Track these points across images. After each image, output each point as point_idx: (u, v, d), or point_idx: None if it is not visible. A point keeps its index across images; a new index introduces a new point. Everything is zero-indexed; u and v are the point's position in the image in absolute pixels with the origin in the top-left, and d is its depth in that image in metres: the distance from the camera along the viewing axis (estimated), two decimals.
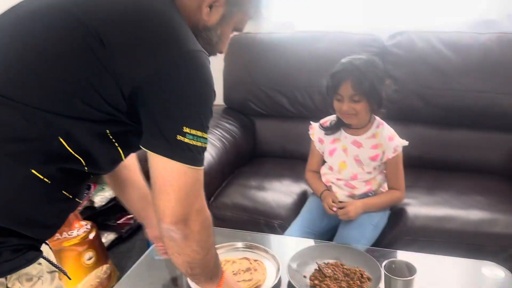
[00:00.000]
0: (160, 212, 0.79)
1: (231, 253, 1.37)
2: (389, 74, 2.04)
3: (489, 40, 1.94)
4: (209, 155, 1.84)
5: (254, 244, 1.38)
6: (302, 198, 1.75)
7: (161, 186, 0.77)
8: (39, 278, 0.78)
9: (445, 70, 1.96)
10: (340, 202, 1.54)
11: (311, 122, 1.66)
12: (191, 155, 0.77)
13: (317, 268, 1.27)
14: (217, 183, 1.86)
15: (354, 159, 1.54)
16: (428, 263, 1.38)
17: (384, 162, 1.54)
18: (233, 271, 1.27)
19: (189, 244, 0.83)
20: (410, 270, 1.10)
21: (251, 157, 2.22)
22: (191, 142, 0.76)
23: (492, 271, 1.22)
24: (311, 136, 1.64)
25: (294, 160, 2.10)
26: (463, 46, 1.97)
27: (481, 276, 1.21)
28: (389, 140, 1.52)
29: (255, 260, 1.33)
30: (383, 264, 1.11)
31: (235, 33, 0.98)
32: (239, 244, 1.39)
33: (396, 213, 1.63)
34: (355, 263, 1.29)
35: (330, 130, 1.58)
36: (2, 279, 0.74)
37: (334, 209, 1.51)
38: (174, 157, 0.76)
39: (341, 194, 1.59)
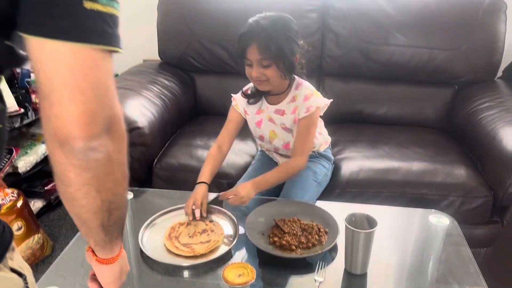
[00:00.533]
0: (68, 124, 0.51)
1: (184, 216, 1.30)
2: (331, 29, 2.03)
3: None
4: (149, 113, 1.72)
5: (213, 206, 1.33)
6: (252, 156, 1.71)
7: (69, 84, 0.50)
8: None
9: (385, 25, 1.98)
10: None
11: (232, 94, 1.51)
12: (110, 32, 0.52)
13: (275, 225, 1.26)
14: (160, 143, 1.76)
15: (282, 128, 1.45)
16: (377, 214, 1.42)
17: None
18: (188, 234, 1.22)
19: (112, 170, 0.58)
20: (370, 222, 1.12)
21: (192, 115, 2.12)
22: (106, 10, 0.51)
23: (439, 218, 1.28)
24: (235, 108, 1.48)
25: None
26: (402, 1, 1.99)
27: (429, 224, 1.27)
28: (304, 100, 1.39)
29: (211, 221, 1.28)
30: (345, 217, 1.11)
31: None
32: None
33: (340, 167, 1.65)
34: (311, 217, 1.30)
35: (252, 97, 1.45)
36: None
37: (230, 197, 1.30)
38: (87, 38, 0.50)
39: (282, 161, 1.55)
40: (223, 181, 1.62)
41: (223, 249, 1.17)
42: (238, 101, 1.49)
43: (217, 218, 1.30)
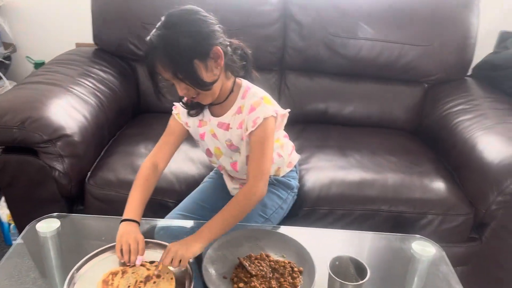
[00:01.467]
0: None
1: (115, 261, 1.02)
2: (293, 17, 1.80)
3: None
4: (81, 116, 1.41)
5: (149, 240, 1.06)
6: (206, 167, 1.46)
7: None
8: None
9: (353, 16, 1.78)
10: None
11: (174, 103, 1.23)
12: None
13: (239, 265, 1.03)
14: (94, 152, 1.46)
15: (227, 145, 1.19)
16: (356, 240, 1.25)
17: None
18: (128, 286, 0.95)
19: None
20: (357, 267, 0.93)
21: (135, 114, 1.82)
22: None
23: (424, 247, 1.11)
24: (176, 117, 1.21)
25: None
26: None
27: (412, 253, 1.10)
28: (249, 111, 1.12)
29: (151, 263, 1.01)
30: (328, 264, 0.91)
31: None
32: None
33: (308, 180, 1.44)
34: (281, 251, 1.09)
35: (192, 108, 1.18)
36: None
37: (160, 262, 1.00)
38: None
39: (232, 187, 1.31)
40: (169, 201, 1.36)
41: None
42: (179, 109, 1.21)
43: (159, 254, 1.03)
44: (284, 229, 1.21)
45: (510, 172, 1.32)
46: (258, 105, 1.11)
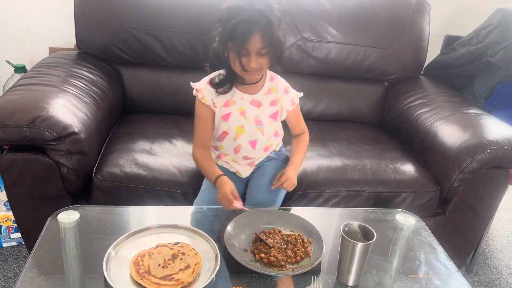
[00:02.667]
0: None
1: (143, 240, 1.11)
2: None
3: None
4: (83, 114, 1.47)
5: (174, 224, 1.16)
6: None
7: None
8: None
9: (324, 21, 1.96)
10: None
11: (191, 83, 1.36)
12: None
13: (256, 239, 1.16)
14: (97, 149, 1.52)
15: (254, 121, 1.37)
16: (348, 216, 1.43)
17: (282, 119, 1.46)
18: (159, 264, 1.03)
19: None
20: (364, 232, 1.09)
21: (122, 114, 1.88)
22: None
23: (405, 217, 1.30)
24: (202, 100, 1.33)
25: (176, 116, 1.88)
26: None
27: (397, 223, 1.29)
28: (285, 93, 1.41)
29: (176, 244, 1.11)
30: (341, 228, 1.06)
31: None
32: (152, 226, 1.15)
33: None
34: (289, 227, 1.23)
35: (222, 86, 1.32)
36: None
37: (276, 184, 1.36)
38: None
39: (242, 170, 1.46)
40: (175, 191, 1.46)
41: (207, 272, 1.03)
42: (204, 92, 1.33)
43: (181, 237, 1.14)
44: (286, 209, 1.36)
45: (468, 153, 1.55)
46: (289, 88, 1.42)
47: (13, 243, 1.76)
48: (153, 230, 1.14)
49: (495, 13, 2.03)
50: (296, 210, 1.40)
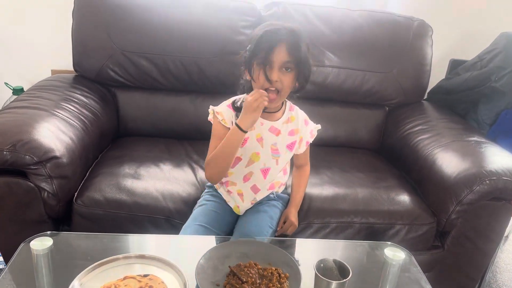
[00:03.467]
0: None
1: (110, 272, 1.07)
2: None
3: (360, 17, 1.98)
4: (67, 138, 1.46)
5: (142, 254, 1.12)
6: (191, 185, 1.53)
7: None
8: None
9: (321, 46, 1.93)
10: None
11: (211, 106, 1.36)
12: None
13: (230, 273, 1.11)
14: (80, 173, 1.50)
15: (271, 149, 1.36)
16: (334, 248, 1.36)
17: (300, 152, 1.46)
18: None
19: None
20: (340, 268, 1.03)
21: (114, 137, 1.87)
22: None
23: (394, 252, 1.23)
24: (222, 122, 1.31)
25: (169, 140, 1.86)
26: (336, 21, 1.97)
27: (385, 258, 1.22)
28: (305, 125, 1.42)
29: (145, 276, 1.06)
30: (314, 265, 1.00)
31: None
32: (120, 257, 1.11)
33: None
34: (267, 260, 1.17)
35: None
36: None
37: (281, 230, 1.39)
38: None
39: (243, 206, 1.43)
40: (158, 216, 1.42)
41: None
42: (224, 114, 1.32)
43: (152, 268, 1.10)
44: (268, 240, 1.30)
45: (466, 184, 1.47)
46: (308, 119, 1.45)
47: (0, 266, 1.75)
48: (120, 261, 1.10)
49: (500, 38, 1.96)
50: (278, 240, 1.34)
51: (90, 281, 1.04)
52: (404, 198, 1.58)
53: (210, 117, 1.36)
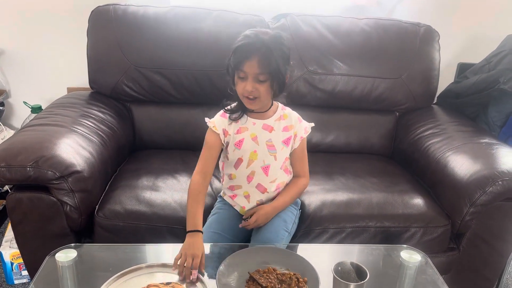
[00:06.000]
0: None
1: (134, 281, 1.11)
2: None
3: (367, 25, 2.01)
4: (87, 153, 1.51)
5: (163, 262, 1.16)
6: (206, 195, 1.55)
7: None
8: None
9: (329, 55, 1.97)
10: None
11: (206, 118, 1.41)
12: None
13: (250, 278, 1.14)
14: (100, 186, 1.55)
15: (266, 145, 1.39)
16: (350, 253, 1.39)
17: (294, 149, 1.45)
18: None
19: None
20: (358, 271, 1.05)
21: (131, 151, 1.92)
22: None
23: (410, 255, 1.25)
24: (212, 129, 1.37)
25: (183, 151, 1.90)
26: (344, 31, 2.00)
27: (401, 261, 1.23)
28: (299, 121, 1.44)
29: (167, 284, 1.10)
30: (332, 268, 1.03)
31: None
32: (143, 266, 1.15)
33: (302, 203, 1.57)
34: (285, 265, 1.20)
35: (234, 112, 1.38)
36: None
37: (243, 222, 1.40)
38: None
39: (248, 205, 1.45)
40: (177, 226, 1.46)
41: None
42: (216, 121, 1.38)
43: (174, 276, 1.13)
44: (285, 246, 1.33)
45: (479, 185, 1.49)
46: (301, 118, 1.45)
47: (24, 280, 1.79)
48: (143, 270, 1.13)
49: (506, 40, 1.98)
50: (299, 247, 1.37)
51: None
52: (418, 201, 1.59)
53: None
